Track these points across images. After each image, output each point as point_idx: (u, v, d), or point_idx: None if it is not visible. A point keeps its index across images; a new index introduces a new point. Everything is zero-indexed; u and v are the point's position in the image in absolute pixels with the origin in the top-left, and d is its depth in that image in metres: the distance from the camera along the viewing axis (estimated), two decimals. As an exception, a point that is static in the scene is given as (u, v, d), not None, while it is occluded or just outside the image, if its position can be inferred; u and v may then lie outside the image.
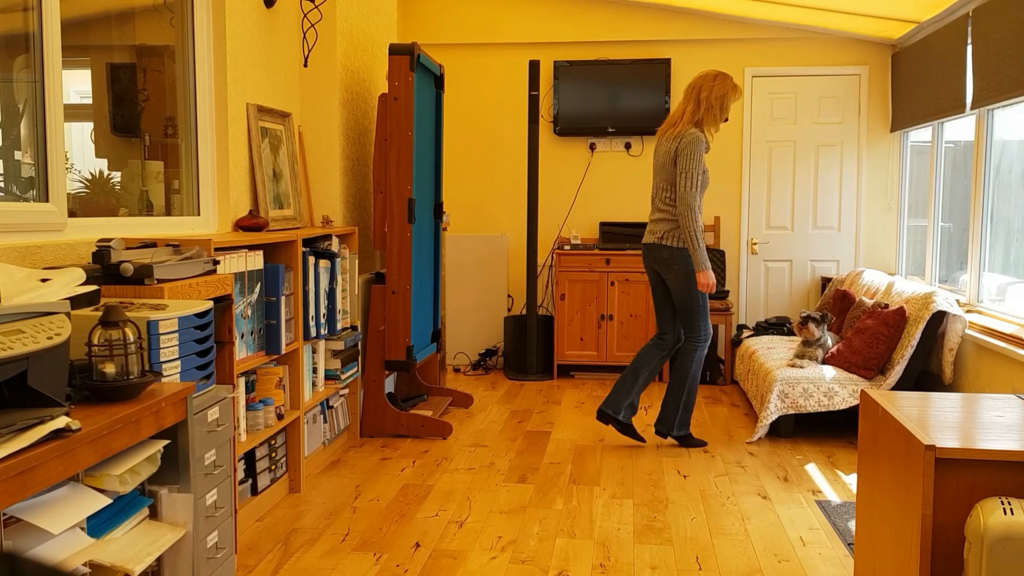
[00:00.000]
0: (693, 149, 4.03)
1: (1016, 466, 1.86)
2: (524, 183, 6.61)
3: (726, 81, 4.11)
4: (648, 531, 3.28)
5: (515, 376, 6.13)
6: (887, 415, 2.15)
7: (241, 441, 3.19)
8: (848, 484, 3.84)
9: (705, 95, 4.09)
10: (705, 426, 4.83)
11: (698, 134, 4.05)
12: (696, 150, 4.03)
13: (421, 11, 6.55)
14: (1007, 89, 4.18)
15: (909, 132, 6.09)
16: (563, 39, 6.44)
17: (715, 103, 4.09)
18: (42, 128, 2.59)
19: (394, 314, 4.48)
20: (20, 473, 1.50)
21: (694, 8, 6.21)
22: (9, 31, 2.50)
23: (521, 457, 4.23)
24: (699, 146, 4.04)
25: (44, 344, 1.65)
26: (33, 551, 1.64)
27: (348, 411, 4.44)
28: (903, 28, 5.75)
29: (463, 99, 6.63)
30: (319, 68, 4.44)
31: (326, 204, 4.50)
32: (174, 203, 3.46)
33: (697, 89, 4.12)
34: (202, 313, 2.31)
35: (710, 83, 4.11)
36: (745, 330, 6.02)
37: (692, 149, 4.03)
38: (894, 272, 6.28)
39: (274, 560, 3.00)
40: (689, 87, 4.16)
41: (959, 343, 4.49)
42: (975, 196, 4.66)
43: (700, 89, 4.11)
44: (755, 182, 6.40)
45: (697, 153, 4.03)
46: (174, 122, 3.46)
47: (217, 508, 2.20)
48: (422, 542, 3.16)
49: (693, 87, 4.13)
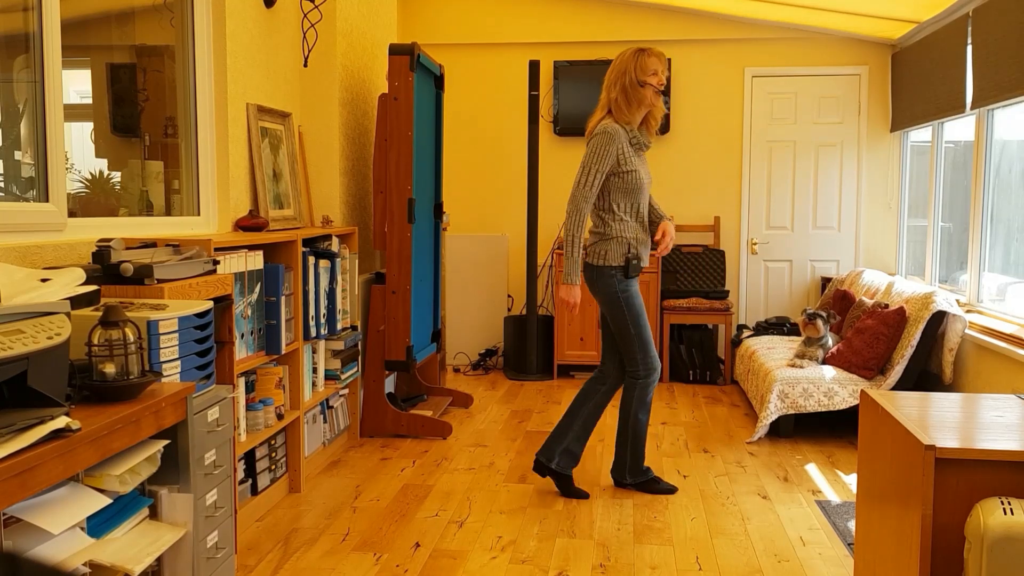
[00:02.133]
0: (598, 144, 3.44)
1: (1016, 466, 1.86)
2: (524, 183, 6.61)
3: (623, 57, 3.49)
4: (648, 531, 3.28)
5: (515, 376, 6.13)
6: (887, 415, 2.15)
7: (241, 441, 3.19)
8: (848, 484, 3.84)
9: (607, 84, 3.53)
10: (705, 426, 4.83)
11: (609, 127, 3.45)
12: (601, 145, 3.43)
13: (421, 11, 6.54)
14: (1007, 89, 4.18)
15: (909, 132, 6.09)
16: (563, 39, 6.44)
17: (614, 87, 3.48)
18: (42, 128, 2.59)
19: (394, 314, 4.48)
20: (20, 473, 1.50)
21: (694, 8, 6.21)
22: (9, 31, 2.50)
23: (521, 457, 4.23)
24: (606, 140, 3.43)
25: (44, 344, 1.65)
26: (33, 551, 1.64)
27: (348, 411, 4.44)
28: (903, 28, 5.75)
29: (463, 99, 6.63)
30: (319, 68, 4.44)
31: (326, 204, 4.50)
32: (174, 203, 3.46)
33: (605, 80, 3.56)
34: (202, 313, 2.31)
35: (613, 67, 3.52)
36: (745, 330, 6.02)
37: (597, 144, 3.45)
38: (894, 272, 6.28)
39: (274, 560, 3.00)
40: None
41: (959, 343, 4.49)
42: (975, 196, 4.66)
43: (605, 80, 3.55)
44: (755, 182, 6.40)
45: (602, 149, 3.43)
46: (174, 122, 3.46)
47: (217, 508, 2.20)
48: (422, 542, 3.16)
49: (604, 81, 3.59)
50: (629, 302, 3.53)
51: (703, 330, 6.09)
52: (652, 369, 3.60)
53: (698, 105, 6.41)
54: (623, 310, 3.53)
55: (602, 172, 3.46)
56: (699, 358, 6.00)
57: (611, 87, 3.50)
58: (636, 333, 3.54)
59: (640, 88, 3.45)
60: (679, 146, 6.45)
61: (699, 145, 6.43)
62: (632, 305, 3.53)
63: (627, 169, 3.47)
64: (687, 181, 6.45)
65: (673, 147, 6.45)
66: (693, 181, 6.45)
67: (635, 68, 3.45)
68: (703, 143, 6.43)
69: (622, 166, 3.47)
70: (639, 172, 3.50)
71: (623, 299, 3.52)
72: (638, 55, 3.46)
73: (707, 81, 6.38)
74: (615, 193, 3.51)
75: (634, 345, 3.55)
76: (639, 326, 3.54)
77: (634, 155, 3.51)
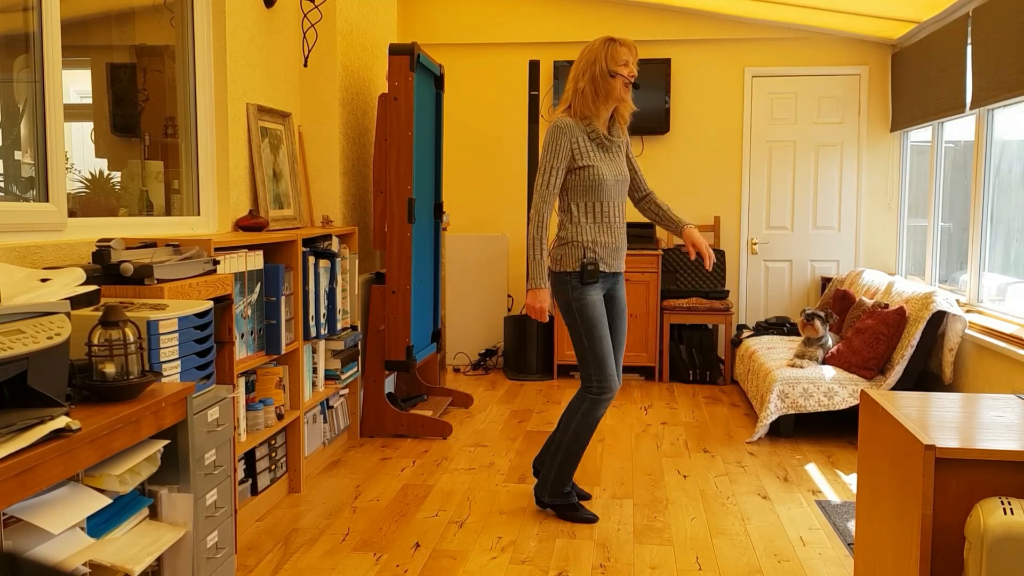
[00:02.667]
0: (549, 140, 3.21)
1: (1016, 466, 1.86)
2: (524, 183, 6.61)
3: (593, 45, 3.23)
4: (648, 531, 3.28)
5: (515, 376, 6.13)
6: (887, 415, 2.15)
7: (241, 441, 3.19)
8: (848, 484, 3.84)
9: (573, 74, 3.27)
10: (705, 426, 4.83)
11: (559, 121, 3.22)
12: (551, 140, 3.20)
13: (421, 11, 6.55)
14: (1007, 89, 4.18)
15: (909, 132, 6.09)
16: (563, 39, 6.44)
17: (581, 77, 3.22)
18: (42, 128, 2.59)
19: (394, 314, 4.48)
20: (20, 473, 1.50)
21: (694, 8, 6.21)
22: (9, 31, 2.50)
23: (521, 457, 4.23)
24: (556, 135, 3.19)
25: (44, 344, 1.65)
26: (33, 551, 1.64)
27: (348, 411, 4.44)
28: (903, 28, 5.75)
29: (463, 99, 6.63)
30: (319, 68, 4.44)
31: (326, 204, 4.50)
32: (174, 203, 3.46)
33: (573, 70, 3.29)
34: (202, 313, 2.31)
35: (581, 57, 3.26)
36: (745, 330, 6.02)
37: (548, 140, 3.22)
38: (894, 272, 6.28)
39: (274, 560, 3.00)
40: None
41: (959, 343, 4.49)
42: (975, 196, 4.66)
43: (572, 70, 3.29)
44: (755, 182, 6.40)
45: (553, 144, 3.20)
46: (174, 122, 3.46)
47: (217, 508, 2.20)
48: (422, 542, 3.16)
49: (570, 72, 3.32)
50: (583, 311, 3.23)
51: (703, 330, 6.09)
52: (606, 388, 3.25)
53: (698, 105, 6.41)
54: (576, 319, 3.25)
55: (558, 168, 3.20)
56: (699, 358, 6.00)
57: (579, 77, 3.23)
58: (589, 345, 3.23)
59: (610, 79, 3.18)
60: (679, 146, 6.45)
61: (699, 145, 6.43)
62: (586, 315, 3.23)
63: (582, 164, 3.21)
64: (687, 181, 6.45)
65: (673, 147, 6.45)
66: (693, 181, 6.45)
67: (605, 57, 3.18)
68: (703, 143, 6.43)
69: (577, 161, 3.21)
70: (598, 168, 3.22)
71: (576, 307, 3.24)
72: (608, 44, 3.20)
73: (707, 81, 6.38)
74: (573, 192, 3.26)
75: (587, 358, 3.25)
76: (592, 338, 3.23)
77: (595, 150, 3.24)
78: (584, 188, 3.23)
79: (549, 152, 3.21)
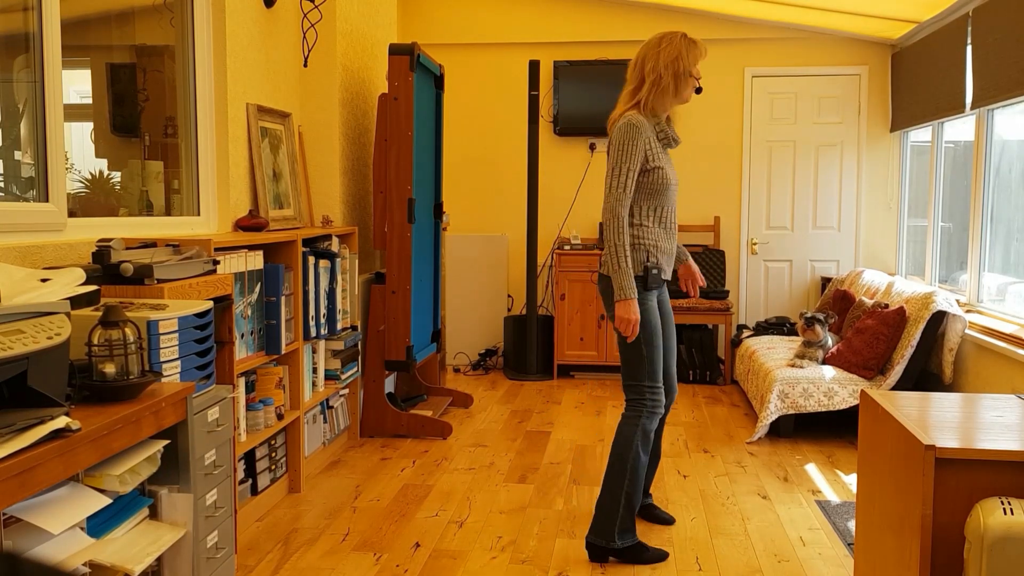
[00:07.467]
0: (624, 138, 2.98)
1: (1016, 466, 1.86)
2: (524, 183, 6.61)
3: (674, 39, 3.05)
4: (648, 531, 3.28)
5: (515, 376, 6.13)
6: (887, 415, 2.15)
7: (241, 441, 3.19)
8: (848, 484, 3.84)
9: (651, 66, 3.04)
10: (705, 426, 4.83)
11: (633, 118, 3.00)
12: (628, 139, 2.97)
13: (421, 11, 6.54)
14: (1007, 89, 4.18)
15: (909, 132, 6.09)
16: (563, 39, 6.44)
17: (664, 71, 3.02)
18: (42, 128, 2.59)
19: (394, 314, 4.48)
20: (20, 473, 1.50)
21: (694, 8, 6.21)
22: (9, 31, 2.50)
23: (521, 457, 4.23)
24: (632, 133, 2.97)
25: (44, 344, 1.65)
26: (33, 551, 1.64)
27: (348, 411, 4.44)
28: (903, 28, 5.75)
29: (463, 99, 6.63)
30: (319, 68, 4.44)
31: (326, 204, 4.50)
32: (174, 203, 3.46)
33: (640, 61, 3.08)
34: (202, 313, 2.31)
35: (655, 49, 3.05)
36: (745, 330, 6.02)
37: (623, 138, 2.98)
38: (894, 272, 6.28)
39: (274, 560, 3.00)
40: (631, 63, 3.12)
41: (959, 343, 4.49)
42: (975, 196, 4.66)
43: (644, 61, 3.07)
44: (755, 182, 6.40)
45: (629, 144, 2.97)
46: (174, 122, 3.46)
47: (217, 508, 2.20)
48: (422, 542, 3.16)
49: (635, 61, 3.10)
50: (645, 318, 2.99)
51: (703, 330, 6.09)
52: (659, 400, 3.03)
53: (698, 105, 6.41)
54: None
55: (634, 170, 2.97)
56: (699, 358, 6.00)
57: (661, 71, 3.02)
58: (647, 354, 3.00)
59: (687, 79, 3.05)
60: (679, 146, 6.44)
61: (699, 145, 6.43)
62: (647, 321, 2.99)
63: (653, 166, 3.02)
64: (687, 181, 6.45)
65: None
66: (693, 181, 6.45)
67: (688, 57, 3.04)
68: (703, 143, 6.43)
69: (649, 162, 3.02)
70: (665, 170, 3.05)
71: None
72: (690, 44, 3.05)
73: (707, 81, 6.38)
74: (637, 194, 3.05)
75: (641, 369, 3.00)
76: (652, 347, 2.99)
77: (661, 151, 3.08)
78: (651, 191, 3.05)
79: (625, 152, 2.98)
